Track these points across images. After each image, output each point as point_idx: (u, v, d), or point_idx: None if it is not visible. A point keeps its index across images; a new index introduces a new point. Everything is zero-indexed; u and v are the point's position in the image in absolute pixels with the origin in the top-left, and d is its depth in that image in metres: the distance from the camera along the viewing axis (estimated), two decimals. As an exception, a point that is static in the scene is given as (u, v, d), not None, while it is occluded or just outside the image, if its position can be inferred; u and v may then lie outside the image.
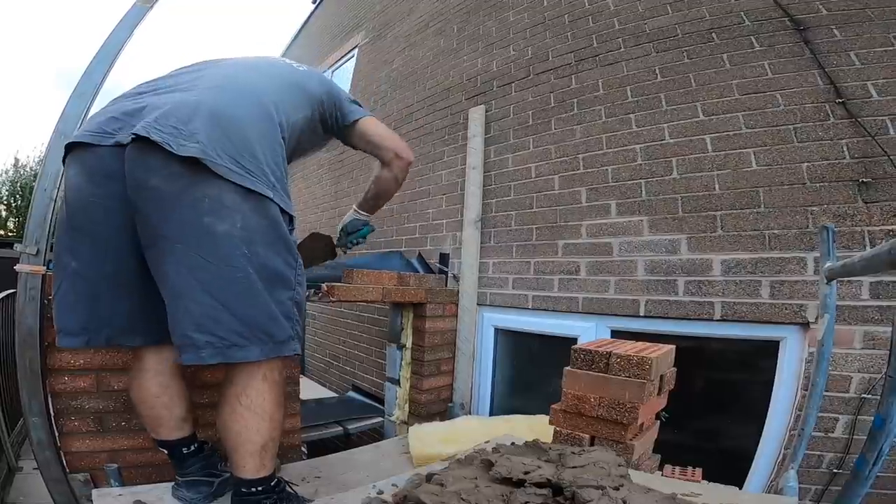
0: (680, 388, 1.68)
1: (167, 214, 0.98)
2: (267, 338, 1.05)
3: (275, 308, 1.06)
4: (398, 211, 3.57)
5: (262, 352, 1.04)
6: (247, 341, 1.02)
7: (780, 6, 2.09)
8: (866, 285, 1.70)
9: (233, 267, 0.99)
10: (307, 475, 1.60)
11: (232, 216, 0.99)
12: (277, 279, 1.07)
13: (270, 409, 1.08)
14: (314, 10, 7.37)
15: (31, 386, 1.39)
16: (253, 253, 1.02)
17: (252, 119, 1.08)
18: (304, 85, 1.33)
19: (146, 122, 0.98)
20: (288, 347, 1.10)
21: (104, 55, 1.54)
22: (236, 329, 1.01)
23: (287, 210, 1.11)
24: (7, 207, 17.59)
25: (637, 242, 2.23)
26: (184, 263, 0.98)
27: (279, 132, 1.14)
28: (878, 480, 1.30)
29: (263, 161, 1.05)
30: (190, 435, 1.28)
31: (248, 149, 1.03)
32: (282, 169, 1.12)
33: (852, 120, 1.82)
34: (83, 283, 1.08)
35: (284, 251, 1.10)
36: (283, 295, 1.09)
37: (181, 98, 1.05)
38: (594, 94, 2.54)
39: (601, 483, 0.86)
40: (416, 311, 2.61)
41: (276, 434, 1.12)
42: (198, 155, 0.95)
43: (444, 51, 3.65)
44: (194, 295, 0.99)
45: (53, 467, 1.41)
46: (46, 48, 73.77)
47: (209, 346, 0.99)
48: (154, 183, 0.97)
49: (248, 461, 1.07)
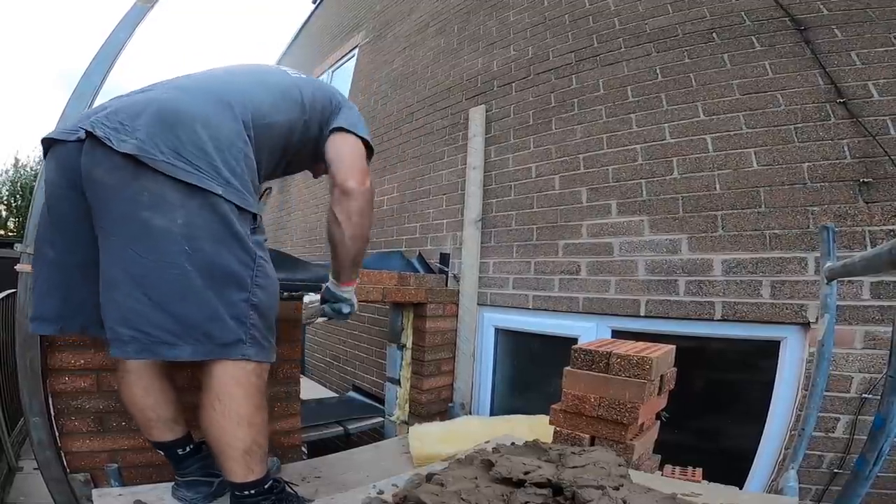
0: (680, 388, 1.68)
1: (107, 207, 0.99)
2: (205, 338, 1.01)
3: (220, 308, 1.02)
4: (398, 211, 3.57)
5: (195, 352, 1.01)
6: (178, 339, 0.99)
7: (780, 6, 2.08)
8: (867, 285, 1.70)
9: (168, 263, 0.97)
10: (307, 475, 1.60)
11: (173, 212, 0.97)
12: (228, 278, 1.03)
13: (248, 415, 1.05)
14: (314, 10, 7.37)
15: (32, 386, 1.39)
16: (196, 250, 0.99)
17: (206, 115, 1.05)
18: (292, 88, 1.27)
19: (96, 118, 1.00)
20: (235, 351, 1.04)
21: (104, 55, 1.54)
22: (167, 326, 0.98)
23: (247, 207, 1.06)
24: (7, 207, 17.61)
25: (638, 242, 2.23)
26: (117, 256, 0.99)
27: (241, 129, 1.10)
28: (878, 480, 1.30)
29: (216, 157, 1.02)
30: (184, 436, 1.26)
31: (196, 144, 1.01)
32: (242, 166, 1.07)
33: (853, 120, 1.82)
34: (58, 272, 1.10)
35: (239, 250, 1.05)
36: (236, 296, 1.04)
37: (140, 97, 1.07)
38: (595, 94, 2.54)
39: (601, 483, 0.86)
40: (417, 311, 2.61)
41: (261, 439, 1.09)
42: (132, 151, 0.95)
43: (445, 51, 3.66)
44: (124, 288, 0.98)
45: (54, 467, 1.41)
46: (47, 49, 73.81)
47: (134, 341, 0.98)
48: (97, 175, 0.99)
49: (234, 466, 1.06)
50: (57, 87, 60.92)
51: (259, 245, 1.11)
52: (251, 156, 1.13)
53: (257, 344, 1.08)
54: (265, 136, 1.19)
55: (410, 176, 3.55)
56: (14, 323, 1.41)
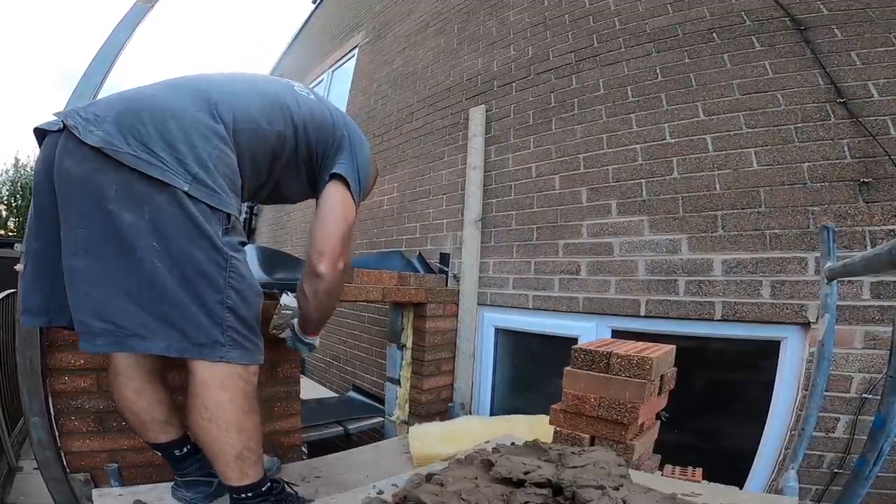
0: (680, 388, 1.68)
1: (75, 199, 0.97)
2: (179, 335, 0.99)
3: (192, 307, 0.99)
4: (398, 211, 3.57)
5: (168, 347, 0.98)
6: (151, 333, 0.97)
7: (780, 6, 2.08)
8: (867, 285, 1.70)
9: (138, 258, 0.96)
10: (307, 475, 1.60)
11: (140, 206, 0.96)
12: (199, 277, 1.00)
13: (236, 421, 1.03)
14: (314, 10, 7.37)
15: (32, 385, 1.38)
16: (165, 246, 0.97)
17: (180, 109, 1.03)
18: (286, 100, 1.23)
19: (71, 109, 0.99)
20: (213, 353, 1.01)
21: (104, 55, 1.54)
22: (139, 319, 0.97)
23: (217, 206, 1.03)
24: (7, 207, 17.63)
25: (638, 242, 2.23)
26: (87, 249, 0.97)
27: (218, 127, 1.07)
28: (878, 480, 1.30)
29: (187, 152, 1.00)
30: (180, 437, 1.25)
31: (164, 137, 0.99)
32: (216, 163, 1.04)
33: (853, 120, 1.82)
34: (43, 264, 1.08)
35: (210, 249, 1.01)
36: (210, 297, 1.01)
37: (126, 92, 1.07)
38: (595, 94, 2.54)
39: (601, 483, 0.86)
40: (417, 310, 2.61)
41: (252, 444, 1.08)
42: (97, 144, 0.94)
43: (445, 51, 3.65)
44: (96, 280, 0.96)
45: (54, 467, 1.41)
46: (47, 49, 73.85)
47: (106, 333, 0.97)
48: (67, 166, 0.97)
49: (228, 471, 1.06)
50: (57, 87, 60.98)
51: (232, 246, 1.06)
52: (230, 155, 1.10)
53: (238, 346, 1.05)
54: (249, 140, 1.16)
55: (410, 176, 3.55)
56: (14, 323, 1.41)
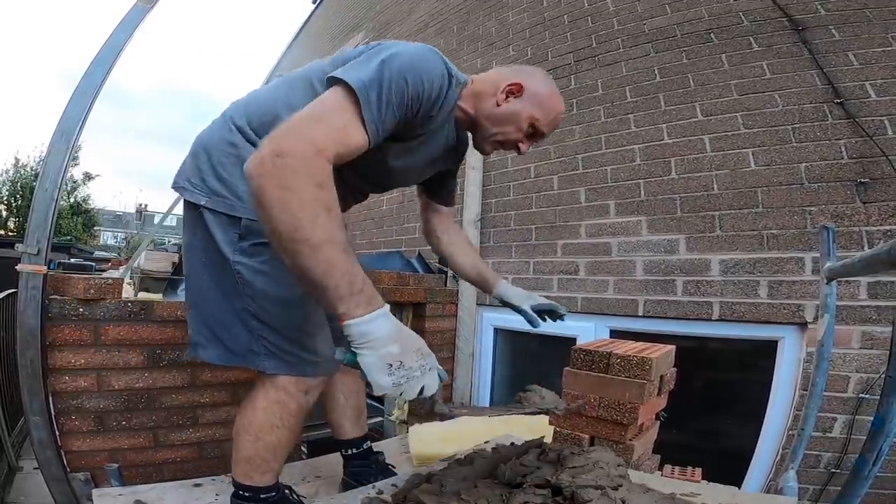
0: (679, 387, 1.69)
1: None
2: (221, 344, 1.07)
3: (225, 316, 1.06)
4: (398, 211, 3.57)
5: (218, 356, 1.08)
6: (206, 341, 1.09)
7: (778, 6, 2.09)
8: (864, 285, 1.71)
9: (198, 276, 1.10)
10: (307, 475, 1.60)
11: (193, 229, 1.09)
12: (228, 286, 1.05)
13: (258, 426, 1.05)
14: (314, 10, 7.37)
15: (32, 385, 1.38)
16: (208, 260, 1.07)
17: (208, 139, 1.11)
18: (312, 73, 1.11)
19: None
20: (252, 361, 1.04)
21: (105, 55, 1.54)
22: (200, 329, 1.10)
23: (233, 214, 1.02)
24: (7, 207, 17.61)
25: (636, 242, 2.23)
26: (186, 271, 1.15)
27: (233, 136, 1.06)
28: (878, 480, 1.31)
29: (207, 171, 1.07)
30: (346, 440, 1.38)
31: (197, 166, 1.09)
32: (228, 170, 1.04)
33: (850, 120, 1.83)
34: None
35: (225, 258, 1.03)
36: (237, 304, 1.05)
37: None
38: (593, 95, 2.55)
39: (600, 483, 0.86)
40: (416, 310, 2.61)
41: (267, 454, 1.07)
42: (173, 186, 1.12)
43: (444, 51, 3.59)
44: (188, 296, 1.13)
45: (54, 467, 1.41)
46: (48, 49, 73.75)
47: (191, 342, 1.11)
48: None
49: (235, 465, 1.10)
50: (57, 87, 60.90)
51: (243, 252, 1.02)
52: (245, 156, 1.04)
53: (273, 357, 1.04)
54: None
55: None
56: (14, 323, 1.41)
